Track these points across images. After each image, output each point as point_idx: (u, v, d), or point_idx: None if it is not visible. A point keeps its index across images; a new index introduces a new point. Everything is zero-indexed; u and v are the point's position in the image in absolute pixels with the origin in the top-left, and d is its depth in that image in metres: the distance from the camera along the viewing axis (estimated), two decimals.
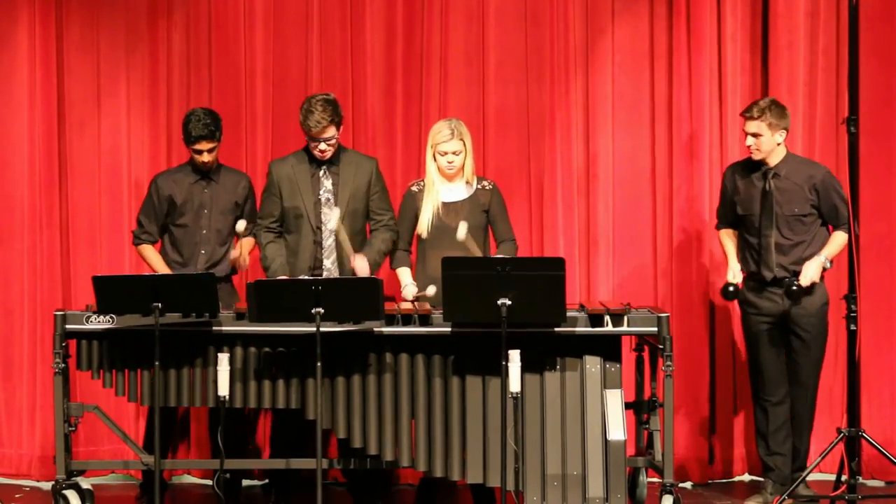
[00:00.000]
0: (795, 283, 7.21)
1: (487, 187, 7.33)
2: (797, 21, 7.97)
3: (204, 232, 7.42)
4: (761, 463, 7.49)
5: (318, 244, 7.28)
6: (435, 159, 7.24)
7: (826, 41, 8.00)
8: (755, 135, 7.30)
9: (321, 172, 7.30)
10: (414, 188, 7.35)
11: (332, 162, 7.31)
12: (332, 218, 7.22)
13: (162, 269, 7.41)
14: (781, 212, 7.30)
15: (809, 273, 7.24)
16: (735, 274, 7.35)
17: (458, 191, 7.29)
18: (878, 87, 7.93)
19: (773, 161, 7.36)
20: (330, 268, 7.26)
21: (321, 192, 7.30)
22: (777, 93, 7.90)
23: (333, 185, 7.29)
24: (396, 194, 7.99)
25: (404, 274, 7.29)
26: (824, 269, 7.29)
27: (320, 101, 7.21)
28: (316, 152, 7.26)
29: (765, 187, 7.33)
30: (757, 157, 7.34)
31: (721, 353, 8.00)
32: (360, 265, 7.12)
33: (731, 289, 7.27)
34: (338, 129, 7.26)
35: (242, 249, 7.38)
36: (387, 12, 8.09)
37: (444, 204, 7.26)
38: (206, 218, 7.43)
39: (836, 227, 7.34)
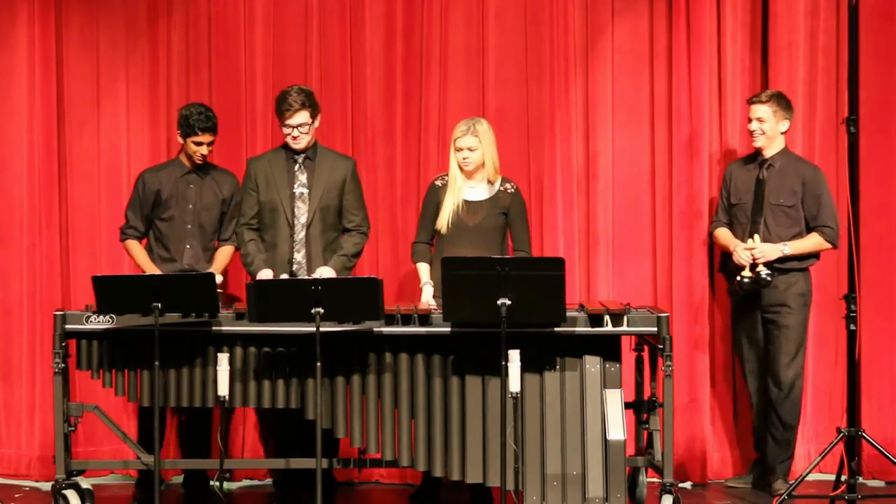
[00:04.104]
0: (763, 273, 7.34)
1: (510, 190, 7.35)
2: (797, 21, 7.97)
3: (189, 227, 7.45)
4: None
5: (292, 237, 7.30)
6: (455, 156, 7.29)
7: (826, 41, 8.00)
8: (760, 119, 7.44)
9: (296, 167, 7.34)
10: (438, 182, 7.38)
11: (309, 157, 7.35)
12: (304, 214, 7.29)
13: (145, 263, 7.44)
14: (769, 201, 7.39)
15: (764, 248, 7.34)
16: (741, 253, 7.42)
17: (480, 190, 7.32)
18: (878, 87, 7.93)
19: (771, 152, 7.50)
20: (301, 262, 7.29)
21: (296, 186, 7.33)
22: None
23: (308, 179, 7.33)
24: (396, 194, 8.01)
25: (423, 270, 7.30)
26: (781, 255, 7.41)
27: (295, 89, 7.33)
28: (289, 140, 7.32)
29: (759, 175, 7.45)
30: (759, 142, 7.48)
31: (721, 353, 8.00)
32: (324, 273, 7.16)
33: (745, 280, 7.37)
34: (312, 118, 7.32)
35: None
36: (386, 12, 8.09)
37: (466, 202, 7.28)
38: (190, 213, 7.45)
39: (813, 227, 7.44)
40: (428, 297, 7.19)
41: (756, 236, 7.43)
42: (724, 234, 7.65)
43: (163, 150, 8.07)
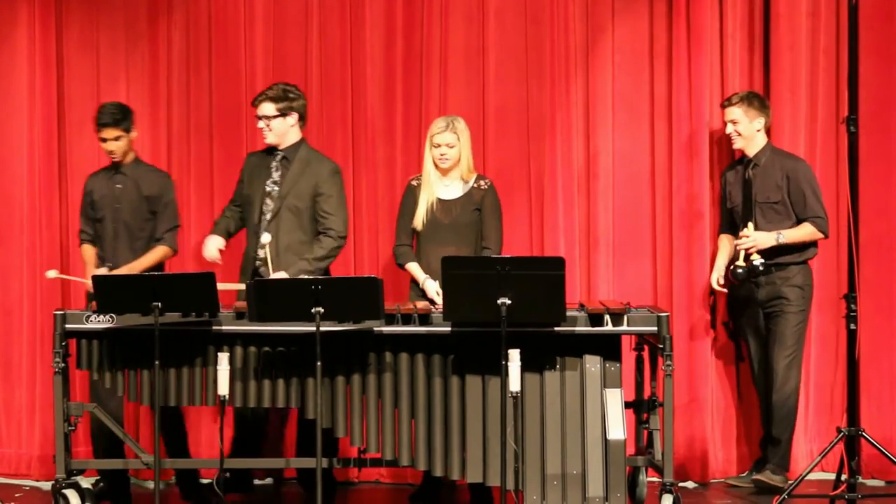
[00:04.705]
0: (756, 262, 7.40)
1: (483, 186, 7.36)
2: (798, 21, 7.97)
3: (115, 226, 7.52)
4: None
5: (257, 234, 7.34)
6: (431, 153, 7.30)
7: (827, 41, 7.99)
8: (733, 122, 7.59)
9: (273, 164, 7.35)
10: (413, 182, 7.40)
11: (286, 156, 7.38)
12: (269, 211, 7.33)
13: (90, 268, 7.51)
14: (756, 199, 7.47)
15: (758, 236, 7.41)
16: (718, 278, 7.69)
17: (454, 188, 7.34)
18: (878, 87, 7.93)
19: (753, 151, 7.61)
20: (263, 257, 7.29)
21: (269, 183, 7.34)
22: (778, 92, 7.91)
23: (281, 177, 7.34)
24: (396, 193, 8.00)
25: (417, 269, 7.32)
26: (776, 243, 7.46)
27: (278, 84, 7.43)
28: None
29: (744, 176, 7.50)
30: (737, 144, 7.63)
31: (721, 353, 8.00)
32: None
33: (739, 270, 7.45)
34: (280, 113, 7.35)
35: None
36: (387, 12, 8.09)
37: (440, 200, 7.30)
38: (117, 212, 7.51)
39: (804, 219, 7.48)
40: (436, 288, 7.18)
41: (750, 224, 7.46)
42: (721, 243, 7.77)
43: (163, 150, 8.08)
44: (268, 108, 7.35)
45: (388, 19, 8.09)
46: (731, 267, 7.50)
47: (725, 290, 7.69)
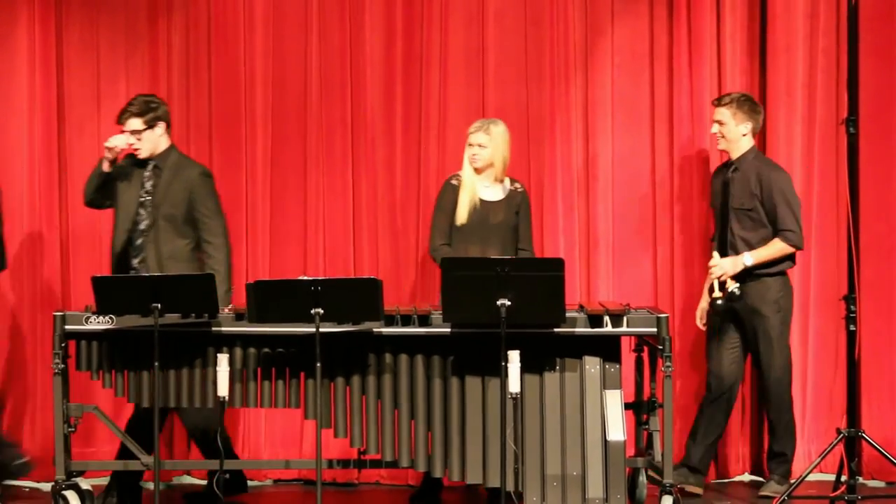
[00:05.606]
0: (731, 288, 7.25)
1: (519, 189, 7.42)
2: (795, 23, 7.97)
3: None
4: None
5: (131, 242, 7.30)
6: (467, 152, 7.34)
7: (826, 42, 7.99)
8: (720, 122, 7.45)
9: (146, 174, 7.33)
10: (453, 181, 7.39)
11: (158, 165, 7.33)
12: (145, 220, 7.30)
13: None
14: (731, 205, 7.39)
15: (723, 263, 7.29)
16: (702, 314, 7.61)
17: (494, 190, 7.36)
18: (877, 88, 7.93)
19: (736, 154, 7.48)
20: (137, 267, 7.28)
21: (142, 193, 7.32)
22: (776, 94, 7.91)
23: (153, 186, 7.31)
24: (395, 194, 8.01)
25: None
26: (744, 266, 7.31)
27: (136, 98, 7.36)
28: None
29: (724, 179, 7.43)
30: (721, 145, 7.51)
31: None
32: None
33: (717, 301, 7.29)
34: (148, 125, 7.27)
35: None
36: (386, 13, 8.09)
37: (484, 201, 7.30)
38: None
39: (776, 233, 7.38)
40: None
41: (715, 253, 7.34)
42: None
43: None
44: (135, 123, 7.28)
45: (388, 20, 8.09)
46: (710, 300, 7.35)
47: (704, 328, 7.63)
